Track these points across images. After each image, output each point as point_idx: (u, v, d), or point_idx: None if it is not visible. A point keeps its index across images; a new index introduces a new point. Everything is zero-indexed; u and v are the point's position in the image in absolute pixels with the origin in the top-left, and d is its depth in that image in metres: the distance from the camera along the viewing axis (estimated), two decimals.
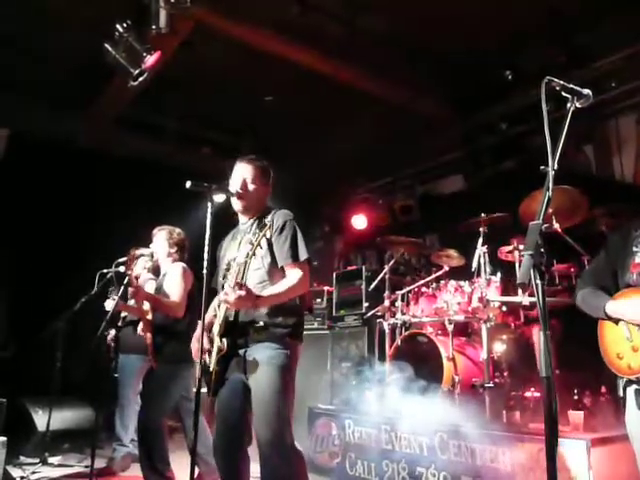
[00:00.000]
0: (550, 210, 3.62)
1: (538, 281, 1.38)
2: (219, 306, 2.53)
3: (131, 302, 4.33)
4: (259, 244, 2.34)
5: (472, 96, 5.56)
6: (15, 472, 3.96)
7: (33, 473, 4.04)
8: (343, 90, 5.34)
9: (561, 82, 1.74)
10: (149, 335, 3.57)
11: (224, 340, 2.41)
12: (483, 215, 4.27)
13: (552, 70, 1.76)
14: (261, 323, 2.42)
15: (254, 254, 2.35)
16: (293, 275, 2.46)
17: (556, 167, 1.57)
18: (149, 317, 3.66)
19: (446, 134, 6.25)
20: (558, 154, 1.58)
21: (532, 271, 1.38)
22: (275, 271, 2.49)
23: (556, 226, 3.83)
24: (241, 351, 2.43)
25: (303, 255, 2.49)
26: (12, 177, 5.61)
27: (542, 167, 1.58)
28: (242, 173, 2.65)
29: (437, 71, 5.18)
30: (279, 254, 2.49)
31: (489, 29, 4.59)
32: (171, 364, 3.40)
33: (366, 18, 4.52)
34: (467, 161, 6.31)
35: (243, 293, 2.22)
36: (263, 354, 2.38)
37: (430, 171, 6.92)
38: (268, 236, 2.48)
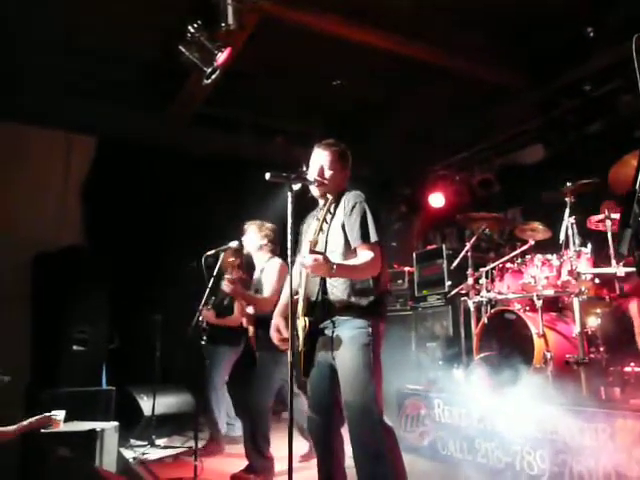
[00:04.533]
0: None
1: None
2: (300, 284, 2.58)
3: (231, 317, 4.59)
4: (324, 219, 2.46)
5: (550, 58, 5.24)
6: (127, 453, 4.29)
7: (144, 454, 4.33)
8: (412, 65, 5.23)
9: None
10: (252, 328, 3.84)
11: (306, 318, 2.47)
12: (569, 184, 4.06)
13: (638, 23, 1.64)
14: (340, 303, 2.47)
15: (321, 229, 2.45)
16: (364, 255, 2.46)
17: None
18: (251, 312, 3.92)
19: (523, 102, 5.96)
20: None
21: (632, 241, 1.31)
22: (349, 254, 2.52)
23: None
24: (327, 330, 2.49)
25: (373, 236, 2.48)
26: (100, 181, 5.98)
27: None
28: (319, 159, 2.67)
29: (510, 36, 4.95)
30: (350, 235, 2.52)
31: None
32: (272, 351, 3.54)
33: None
34: (547, 128, 5.98)
35: (319, 257, 2.27)
36: (346, 334, 2.44)
37: (508, 142, 6.63)
38: (340, 217, 2.55)
